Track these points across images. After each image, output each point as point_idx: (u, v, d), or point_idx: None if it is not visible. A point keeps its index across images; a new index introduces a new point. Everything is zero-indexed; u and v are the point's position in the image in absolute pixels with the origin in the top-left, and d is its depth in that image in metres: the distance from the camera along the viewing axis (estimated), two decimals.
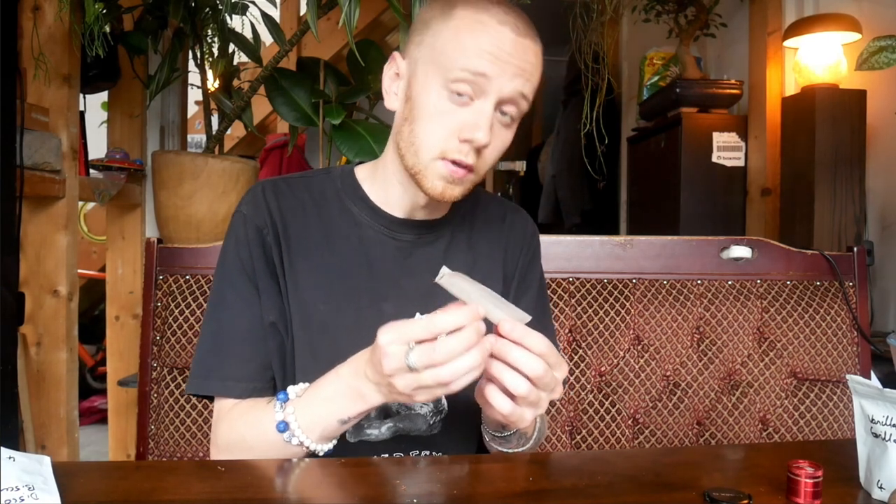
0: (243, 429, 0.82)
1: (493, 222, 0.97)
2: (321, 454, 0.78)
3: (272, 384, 0.87)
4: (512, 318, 0.68)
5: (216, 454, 0.85)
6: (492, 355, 0.68)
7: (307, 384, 0.80)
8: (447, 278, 0.69)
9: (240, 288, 0.86)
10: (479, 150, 0.79)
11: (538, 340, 0.68)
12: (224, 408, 0.86)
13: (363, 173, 0.92)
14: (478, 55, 0.77)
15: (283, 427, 0.76)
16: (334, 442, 0.78)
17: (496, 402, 0.69)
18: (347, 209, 0.90)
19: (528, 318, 0.70)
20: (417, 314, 0.80)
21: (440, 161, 0.80)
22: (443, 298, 0.73)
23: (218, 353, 0.86)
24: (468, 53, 0.77)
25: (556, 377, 0.70)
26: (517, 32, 0.79)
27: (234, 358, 0.85)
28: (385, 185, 0.89)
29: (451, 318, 0.65)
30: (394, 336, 0.67)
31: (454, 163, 0.79)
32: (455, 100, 0.79)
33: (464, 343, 0.65)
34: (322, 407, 0.76)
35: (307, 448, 0.77)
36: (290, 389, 0.80)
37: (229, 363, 0.85)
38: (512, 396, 0.69)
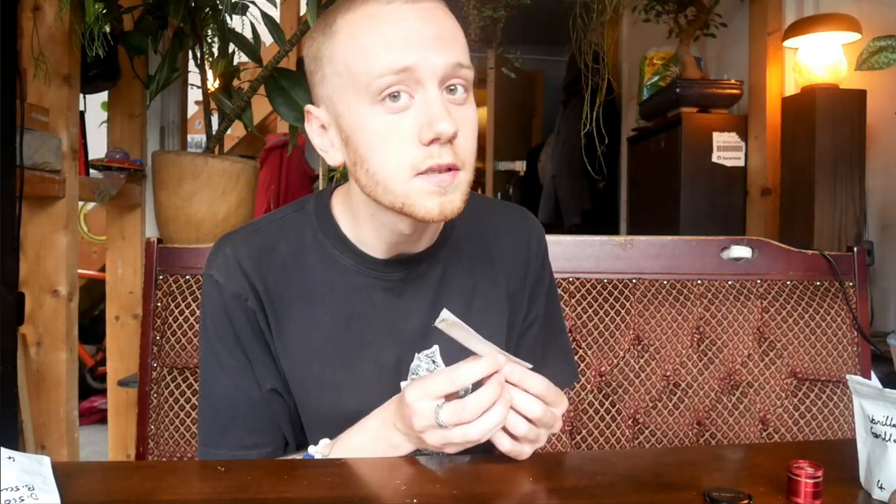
0: None
1: (493, 239, 0.88)
2: None
3: (284, 442, 0.85)
4: (511, 363, 0.70)
5: None
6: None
7: (328, 440, 0.79)
8: (446, 324, 0.67)
9: (226, 359, 0.81)
10: (451, 142, 0.68)
11: (537, 382, 0.70)
12: None
13: (339, 209, 0.82)
14: (388, 50, 0.66)
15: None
16: None
17: (497, 441, 0.71)
18: (328, 254, 0.81)
19: (530, 366, 0.71)
20: (416, 356, 0.81)
21: (417, 179, 0.68)
22: (438, 335, 0.72)
23: (220, 424, 0.82)
24: (377, 53, 0.67)
25: (555, 413, 0.72)
26: (408, 0, 0.68)
27: (237, 429, 0.82)
28: (360, 227, 0.80)
29: (474, 371, 0.67)
30: (421, 392, 0.68)
31: (432, 171, 0.68)
32: (393, 108, 0.68)
33: (489, 399, 0.67)
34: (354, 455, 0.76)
35: None
36: (313, 449, 0.79)
37: (234, 434, 0.82)
38: (512, 434, 0.71)
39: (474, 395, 0.68)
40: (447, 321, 0.66)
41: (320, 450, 0.79)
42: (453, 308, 0.72)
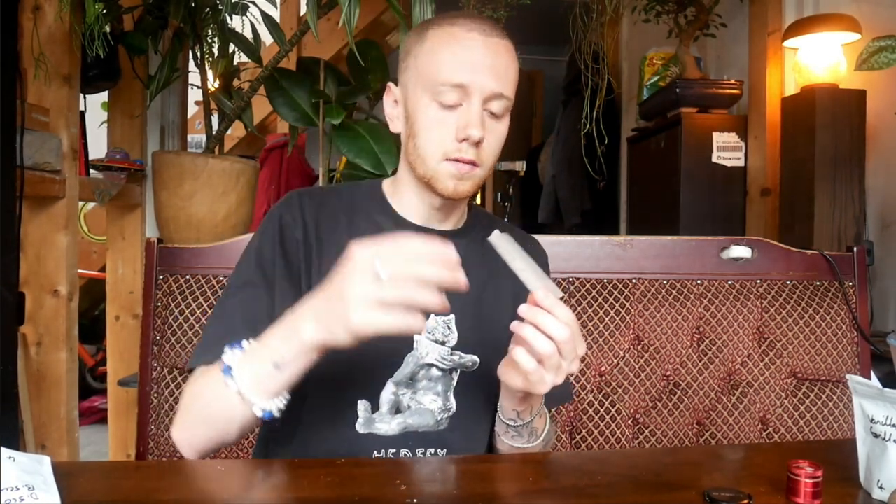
0: (203, 387, 0.81)
1: None
2: (259, 413, 0.74)
3: None
4: (546, 289, 0.75)
5: (175, 420, 0.83)
6: (523, 319, 0.74)
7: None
8: (496, 237, 0.77)
9: (252, 280, 0.88)
10: (477, 145, 0.86)
11: (566, 312, 0.74)
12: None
13: (387, 186, 0.99)
14: (454, 67, 0.85)
15: (227, 370, 0.74)
16: (275, 404, 0.74)
17: (522, 360, 0.74)
18: (373, 219, 0.95)
19: (561, 294, 0.76)
20: (433, 317, 0.89)
21: (445, 162, 0.87)
22: (455, 306, 0.84)
23: (220, 330, 0.85)
24: (446, 67, 0.86)
25: (577, 351, 0.76)
26: (485, 34, 0.87)
27: (234, 335, 0.83)
28: (402, 196, 0.95)
29: (425, 245, 0.68)
30: (366, 247, 0.68)
31: (458, 160, 0.86)
32: (445, 106, 0.86)
33: (437, 273, 0.66)
34: (261, 350, 0.74)
35: (244, 398, 0.73)
36: (245, 342, 0.77)
37: (227, 341, 0.83)
38: (537, 360, 0.74)
39: (420, 260, 0.66)
40: (496, 235, 0.77)
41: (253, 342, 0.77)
42: (466, 292, 0.78)
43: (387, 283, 0.65)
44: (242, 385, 0.73)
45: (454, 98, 0.86)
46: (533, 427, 0.87)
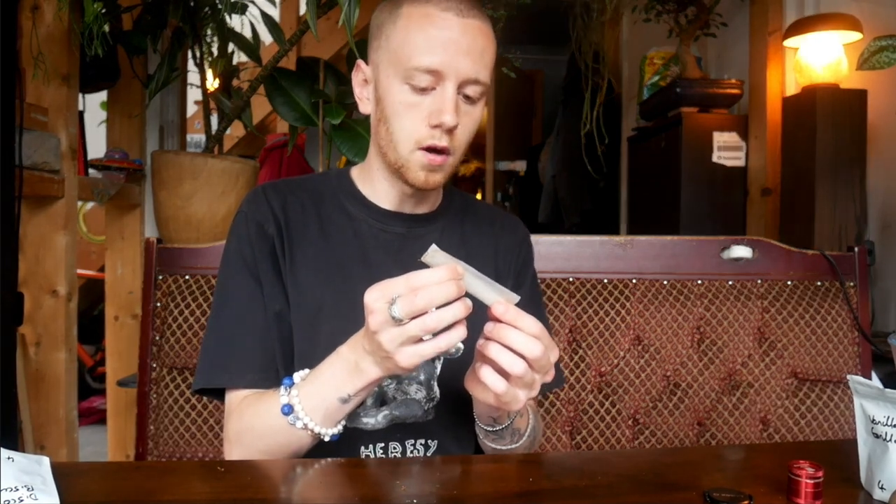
0: (252, 418, 0.83)
1: (484, 224, 1.01)
2: (327, 439, 0.78)
3: (278, 374, 0.88)
4: (504, 300, 0.69)
5: (228, 448, 0.86)
6: (487, 337, 0.70)
7: (308, 370, 0.81)
8: (431, 256, 0.69)
9: (242, 284, 0.89)
10: (450, 132, 0.84)
11: (532, 322, 0.69)
12: (234, 401, 0.87)
13: (356, 173, 0.98)
14: (428, 50, 0.82)
15: (288, 410, 0.78)
16: (339, 428, 0.79)
17: (491, 382, 0.70)
18: (342, 205, 0.95)
19: (518, 298, 0.71)
20: None
21: (418, 151, 0.85)
22: None
23: (223, 347, 0.88)
24: (419, 50, 0.82)
25: (551, 359, 0.72)
26: (461, 14, 0.83)
27: (239, 350, 0.87)
28: (373, 181, 0.94)
29: (432, 275, 0.67)
30: (378, 294, 0.69)
31: (430, 149, 0.84)
32: (417, 90, 0.83)
33: (444, 292, 0.66)
34: (323, 386, 0.77)
35: (312, 431, 0.77)
36: (296, 375, 0.81)
37: (235, 355, 0.87)
38: (506, 377, 0.70)
39: (428, 288, 0.66)
40: (432, 253, 0.69)
41: (301, 375, 0.80)
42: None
43: (409, 323, 0.67)
44: (310, 422, 0.77)
45: (427, 82, 0.82)
46: (514, 428, 0.84)
